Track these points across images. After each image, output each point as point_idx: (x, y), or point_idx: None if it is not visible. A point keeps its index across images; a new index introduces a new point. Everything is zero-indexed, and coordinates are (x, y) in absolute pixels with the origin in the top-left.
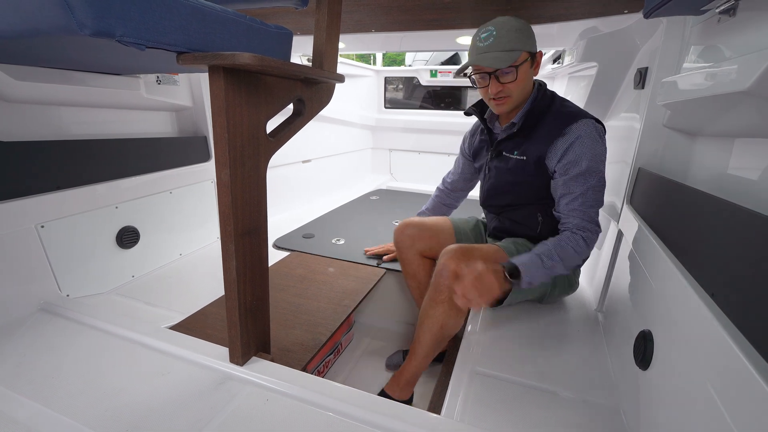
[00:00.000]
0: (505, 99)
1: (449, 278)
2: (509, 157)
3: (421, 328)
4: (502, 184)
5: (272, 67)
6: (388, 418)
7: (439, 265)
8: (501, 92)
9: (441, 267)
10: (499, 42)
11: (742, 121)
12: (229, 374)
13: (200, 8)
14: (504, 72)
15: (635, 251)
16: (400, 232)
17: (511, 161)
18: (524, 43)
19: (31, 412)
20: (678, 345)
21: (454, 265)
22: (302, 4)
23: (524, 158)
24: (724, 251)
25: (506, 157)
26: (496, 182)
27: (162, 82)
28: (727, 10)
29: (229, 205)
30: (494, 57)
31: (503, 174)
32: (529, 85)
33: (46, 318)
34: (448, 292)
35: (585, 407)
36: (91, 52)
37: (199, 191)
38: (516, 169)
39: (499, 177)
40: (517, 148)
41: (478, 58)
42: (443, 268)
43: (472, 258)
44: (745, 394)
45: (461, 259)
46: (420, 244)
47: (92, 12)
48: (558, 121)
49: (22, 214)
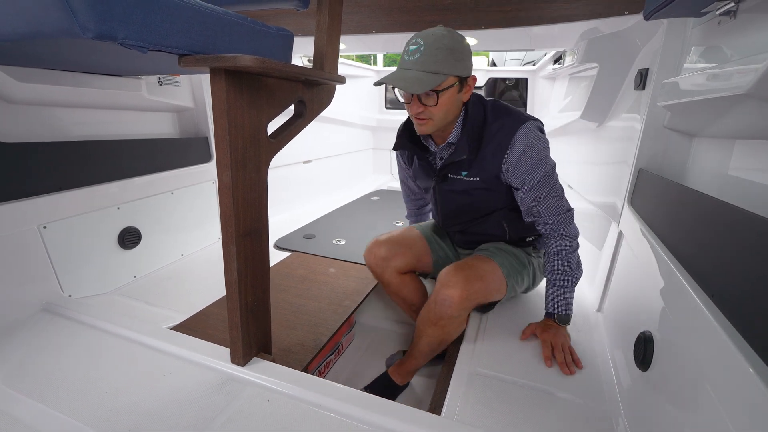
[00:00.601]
0: (425, 120)
1: (454, 309)
2: (458, 179)
3: (420, 339)
4: (458, 206)
5: (273, 69)
6: (389, 418)
7: (441, 295)
8: (421, 113)
9: (444, 297)
10: (425, 60)
11: (743, 122)
12: (231, 375)
13: (202, 10)
14: (426, 94)
15: (635, 252)
16: (371, 255)
17: (462, 183)
18: (452, 66)
19: (33, 411)
20: (678, 346)
21: (457, 296)
22: (303, 5)
23: (477, 179)
24: (723, 253)
25: (454, 179)
26: (451, 206)
27: (163, 83)
28: (727, 12)
29: (230, 206)
30: (415, 77)
31: (457, 196)
32: (454, 109)
33: (49, 318)
34: (449, 319)
35: (585, 408)
36: (93, 54)
37: (201, 192)
38: (471, 190)
39: (454, 200)
40: (464, 169)
41: (397, 76)
42: (446, 299)
43: (474, 282)
44: (744, 396)
45: (464, 288)
46: (396, 261)
47: (95, 15)
48: (501, 134)
49: (24, 214)
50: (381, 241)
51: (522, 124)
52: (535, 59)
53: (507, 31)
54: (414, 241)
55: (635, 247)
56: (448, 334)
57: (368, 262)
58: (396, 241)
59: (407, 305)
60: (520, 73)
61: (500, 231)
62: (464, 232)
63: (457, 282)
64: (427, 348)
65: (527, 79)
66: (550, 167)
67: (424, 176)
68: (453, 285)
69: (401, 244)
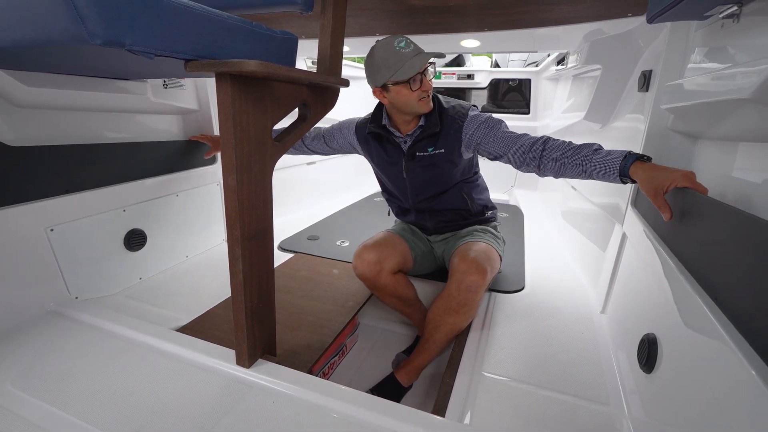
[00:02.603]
0: (428, 98)
1: (480, 292)
2: (425, 155)
3: (436, 331)
4: (425, 180)
5: (278, 73)
6: (393, 420)
7: (466, 282)
8: (428, 92)
9: (470, 283)
10: (416, 48)
11: (745, 126)
12: (236, 376)
13: (207, 16)
14: (428, 71)
15: (639, 254)
16: (363, 263)
17: (429, 157)
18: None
19: (43, 413)
20: (682, 348)
21: (482, 280)
22: (308, 9)
23: (442, 150)
24: (726, 256)
25: (421, 156)
26: (419, 180)
27: (168, 86)
28: (730, 16)
29: (236, 209)
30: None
31: (425, 169)
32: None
33: (56, 320)
34: (472, 303)
35: (589, 410)
36: (100, 59)
37: (205, 194)
38: (437, 162)
39: (421, 174)
40: (430, 146)
41: (423, 56)
42: (473, 284)
43: (486, 263)
44: (747, 398)
45: (483, 270)
46: (388, 263)
47: (103, 23)
48: (458, 112)
49: (32, 217)
50: (369, 246)
51: (469, 105)
52: (539, 60)
53: (510, 33)
54: (396, 241)
55: (639, 249)
56: (468, 319)
57: (360, 269)
58: (383, 244)
59: (403, 303)
60: (523, 74)
61: (462, 203)
62: (432, 210)
63: (476, 267)
64: (444, 338)
65: (530, 80)
66: (493, 120)
67: (387, 159)
68: (474, 271)
69: (388, 246)
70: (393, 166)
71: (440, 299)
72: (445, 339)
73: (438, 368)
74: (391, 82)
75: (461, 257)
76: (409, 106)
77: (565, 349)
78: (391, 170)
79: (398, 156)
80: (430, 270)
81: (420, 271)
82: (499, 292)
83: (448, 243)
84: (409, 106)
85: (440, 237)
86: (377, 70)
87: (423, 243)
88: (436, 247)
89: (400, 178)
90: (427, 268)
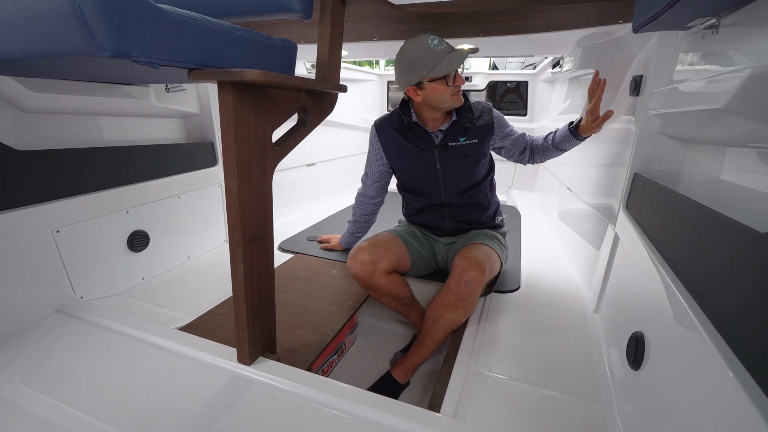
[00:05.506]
0: (460, 90)
1: (478, 288)
2: (458, 145)
3: (434, 327)
4: (459, 169)
5: (277, 81)
6: (390, 416)
7: (465, 277)
8: (462, 85)
9: (468, 279)
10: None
11: (727, 132)
12: (237, 374)
13: (209, 26)
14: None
15: (630, 255)
16: (357, 263)
17: (462, 147)
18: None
19: (50, 408)
20: (667, 347)
21: (480, 276)
22: (306, 17)
23: (476, 140)
24: (710, 260)
25: (454, 146)
26: (453, 170)
27: (170, 90)
28: (710, 27)
29: (237, 212)
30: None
31: (457, 159)
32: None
33: (62, 319)
34: (471, 298)
35: (581, 407)
36: (106, 67)
37: (207, 195)
38: (468, 151)
39: (455, 163)
40: (462, 136)
41: (460, 52)
42: (471, 279)
43: (485, 262)
44: (722, 396)
45: (482, 268)
46: (382, 263)
47: (111, 36)
48: (484, 106)
49: (38, 219)
50: (363, 247)
51: (491, 105)
52: (536, 62)
53: (506, 38)
54: (392, 243)
55: (629, 250)
56: (466, 314)
57: (354, 270)
58: (377, 245)
59: (398, 302)
60: (520, 76)
61: (486, 200)
62: (459, 206)
63: (476, 264)
64: (441, 334)
65: (527, 82)
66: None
67: (417, 152)
68: (473, 267)
69: (382, 247)
70: (424, 158)
71: (439, 295)
72: (443, 334)
73: (434, 366)
74: (427, 80)
75: (463, 256)
76: (443, 102)
77: (558, 347)
78: (420, 163)
79: (430, 148)
80: (428, 273)
81: (417, 275)
82: (496, 291)
83: (454, 245)
84: (442, 101)
85: (450, 239)
86: (413, 68)
87: (424, 248)
88: (441, 250)
89: (433, 170)
90: (425, 272)
